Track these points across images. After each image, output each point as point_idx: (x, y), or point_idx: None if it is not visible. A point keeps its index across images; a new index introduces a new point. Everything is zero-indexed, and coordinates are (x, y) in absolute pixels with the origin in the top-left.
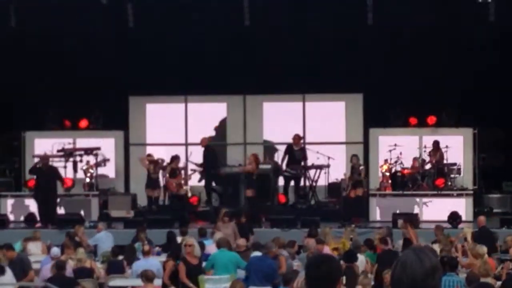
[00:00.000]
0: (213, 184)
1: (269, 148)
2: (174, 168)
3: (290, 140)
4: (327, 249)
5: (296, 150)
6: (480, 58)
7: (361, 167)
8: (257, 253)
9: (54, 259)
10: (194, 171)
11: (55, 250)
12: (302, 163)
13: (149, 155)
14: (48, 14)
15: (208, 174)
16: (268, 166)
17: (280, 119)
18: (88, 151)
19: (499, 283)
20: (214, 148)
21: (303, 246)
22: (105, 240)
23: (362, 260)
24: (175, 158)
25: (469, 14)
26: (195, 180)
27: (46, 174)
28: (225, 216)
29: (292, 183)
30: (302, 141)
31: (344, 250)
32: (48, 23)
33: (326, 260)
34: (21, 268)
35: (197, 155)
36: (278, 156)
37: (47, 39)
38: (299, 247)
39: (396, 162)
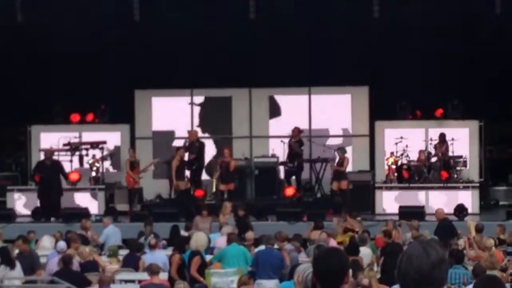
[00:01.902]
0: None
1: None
2: (132, 161)
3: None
4: (333, 242)
5: (294, 143)
6: (486, 51)
7: (346, 158)
8: (262, 247)
9: (61, 253)
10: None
11: (61, 244)
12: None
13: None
14: (54, 9)
15: (199, 167)
16: (274, 160)
17: (286, 112)
18: (94, 145)
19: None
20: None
21: (308, 240)
22: (112, 234)
23: (368, 253)
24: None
25: (475, 6)
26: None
27: (50, 168)
28: (205, 210)
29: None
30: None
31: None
32: (54, 18)
33: (335, 253)
34: (31, 264)
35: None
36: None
37: (53, 34)
38: (303, 240)
39: (402, 154)
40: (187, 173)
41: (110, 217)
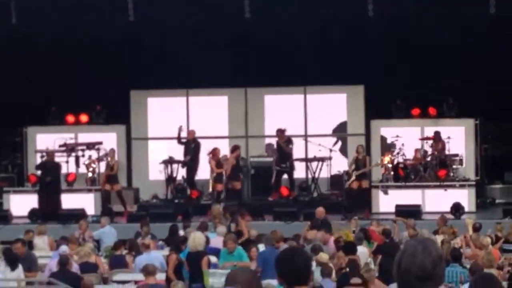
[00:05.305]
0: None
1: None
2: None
3: (292, 133)
4: (332, 241)
5: (283, 143)
6: (480, 50)
7: (367, 157)
8: (261, 246)
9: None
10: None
11: (64, 248)
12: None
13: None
14: (49, 10)
15: (194, 167)
16: (270, 159)
17: (282, 112)
18: (90, 146)
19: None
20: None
21: (305, 239)
22: (108, 235)
23: (364, 252)
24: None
25: (469, 6)
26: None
27: (50, 170)
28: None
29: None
30: (285, 133)
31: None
32: (49, 19)
33: (298, 252)
34: (28, 266)
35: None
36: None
37: (48, 35)
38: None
39: (398, 153)
40: (183, 172)
41: (107, 218)
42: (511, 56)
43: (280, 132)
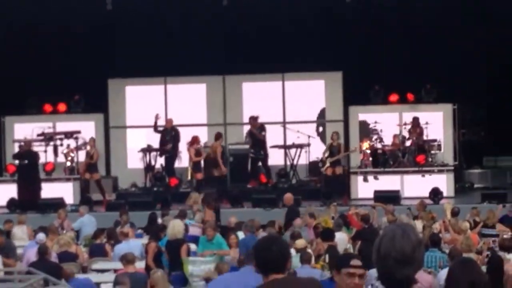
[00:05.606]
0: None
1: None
2: (88, 152)
3: (270, 120)
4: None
5: (256, 130)
6: (458, 35)
7: (341, 144)
8: (240, 233)
9: (39, 244)
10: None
11: (41, 236)
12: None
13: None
14: None
15: (173, 155)
16: (247, 147)
17: (260, 99)
18: (68, 134)
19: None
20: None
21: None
22: (88, 224)
23: (343, 239)
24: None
25: None
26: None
27: (28, 159)
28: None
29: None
30: (258, 120)
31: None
32: (26, 8)
33: (276, 240)
34: (6, 255)
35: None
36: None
37: (25, 24)
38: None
39: (376, 139)
40: (162, 160)
41: (86, 207)
42: (488, 41)
43: (253, 120)
